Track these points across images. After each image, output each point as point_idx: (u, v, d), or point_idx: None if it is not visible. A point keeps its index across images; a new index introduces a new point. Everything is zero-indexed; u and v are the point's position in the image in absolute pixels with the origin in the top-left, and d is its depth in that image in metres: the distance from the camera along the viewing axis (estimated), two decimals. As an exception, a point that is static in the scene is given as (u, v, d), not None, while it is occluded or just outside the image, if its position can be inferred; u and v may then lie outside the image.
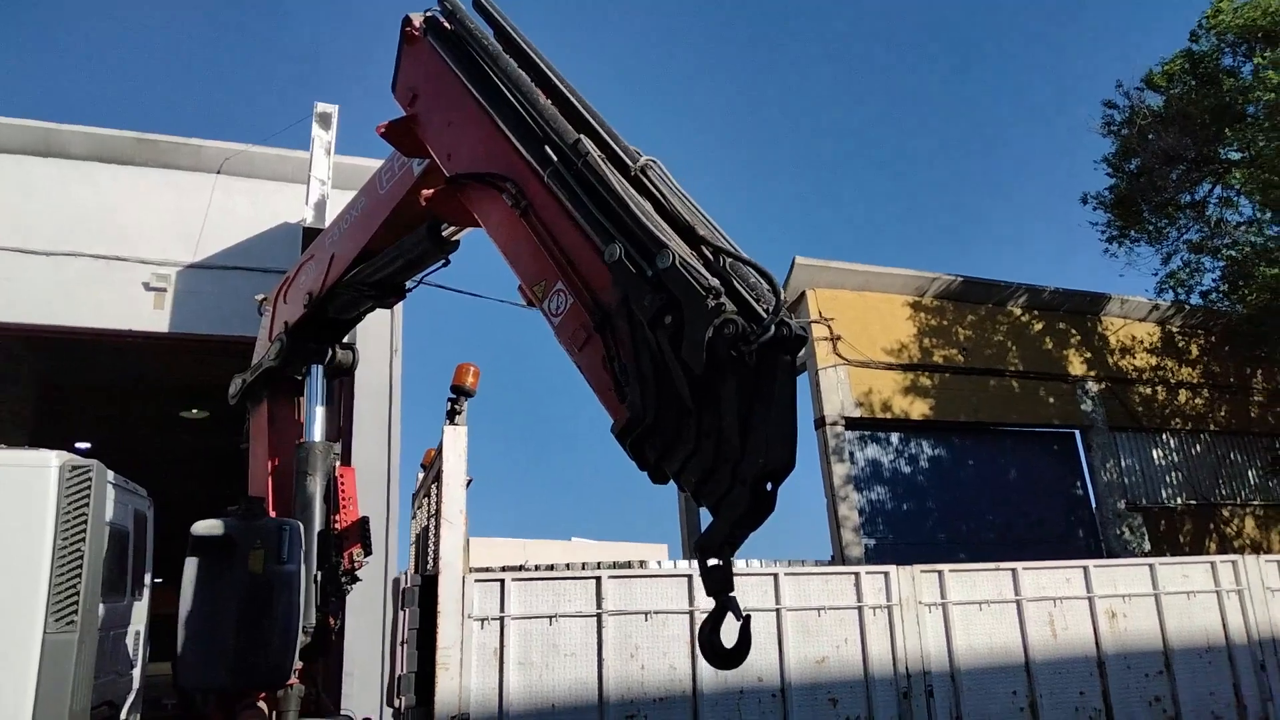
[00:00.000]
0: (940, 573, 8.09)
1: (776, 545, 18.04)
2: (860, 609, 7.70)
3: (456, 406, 7.09)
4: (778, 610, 7.46)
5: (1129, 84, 17.03)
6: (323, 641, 6.88)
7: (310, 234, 11.08)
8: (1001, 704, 7.85)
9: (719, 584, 3.25)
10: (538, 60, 4.69)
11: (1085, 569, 8.52)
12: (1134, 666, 8.34)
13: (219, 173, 12.20)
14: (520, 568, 12.05)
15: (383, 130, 5.67)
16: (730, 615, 3.20)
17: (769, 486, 3.06)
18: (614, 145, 4.13)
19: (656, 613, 7.14)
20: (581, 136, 4.11)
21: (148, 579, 7.83)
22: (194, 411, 16.97)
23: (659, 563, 10.37)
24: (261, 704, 6.28)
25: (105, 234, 11.49)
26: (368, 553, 7.31)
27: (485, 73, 4.81)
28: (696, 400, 3.25)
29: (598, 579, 7.12)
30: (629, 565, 10.70)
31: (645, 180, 3.93)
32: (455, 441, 6.95)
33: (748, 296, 3.26)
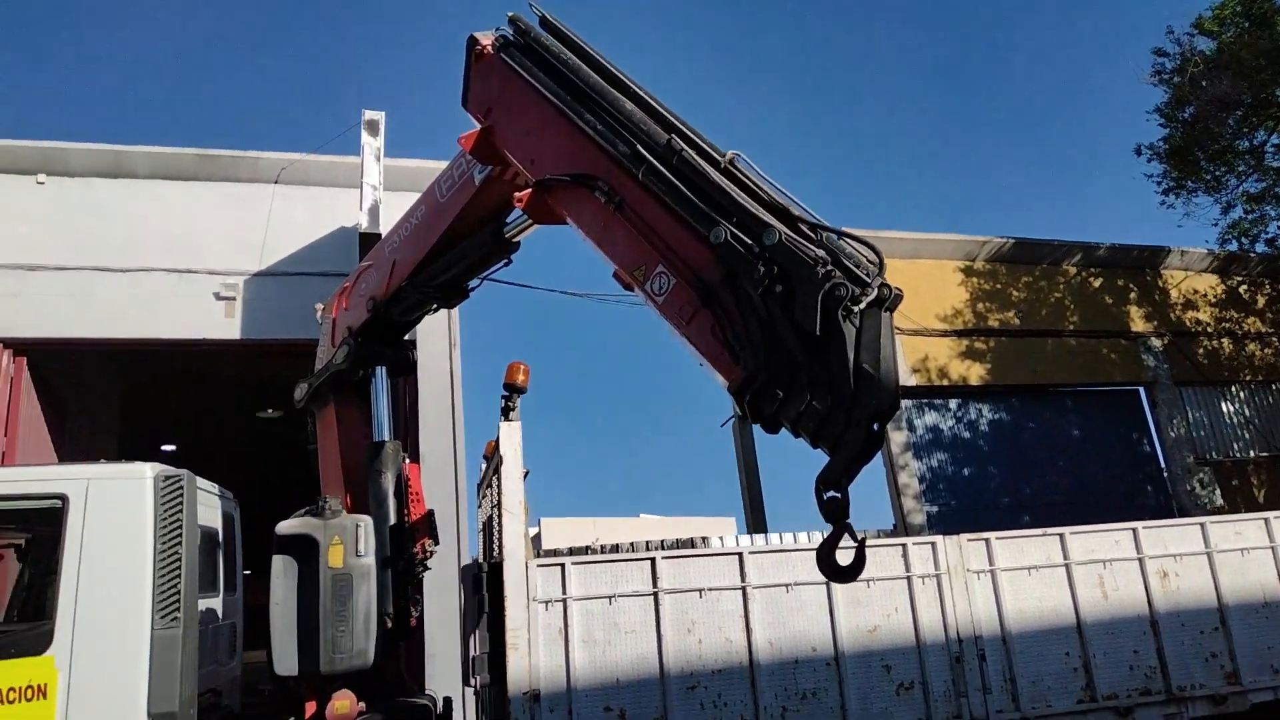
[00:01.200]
0: (987, 541, 8.19)
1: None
2: (909, 579, 7.88)
3: (510, 403, 7.39)
4: (828, 583, 7.65)
5: (1179, 30, 16.57)
6: (403, 627, 7.32)
7: (366, 238, 11.46)
8: (1055, 665, 7.97)
9: (837, 512, 3.67)
10: (613, 70, 5.06)
11: (1134, 530, 8.54)
12: (1188, 624, 8.36)
13: (276, 182, 12.58)
14: (587, 549, 12.44)
15: (466, 144, 6.05)
16: (847, 538, 3.66)
17: (876, 427, 3.49)
18: (700, 142, 4.53)
19: (710, 589, 7.42)
20: (672, 136, 4.52)
21: (239, 574, 8.36)
22: (269, 411, 17.71)
23: (720, 539, 10.62)
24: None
25: (175, 248, 11.88)
26: (436, 543, 7.73)
27: (567, 83, 5.18)
28: (808, 357, 3.65)
29: (652, 560, 7.40)
30: (689, 544, 10.96)
31: (735, 171, 4.34)
32: (511, 436, 7.26)
33: (848, 265, 3.69)
